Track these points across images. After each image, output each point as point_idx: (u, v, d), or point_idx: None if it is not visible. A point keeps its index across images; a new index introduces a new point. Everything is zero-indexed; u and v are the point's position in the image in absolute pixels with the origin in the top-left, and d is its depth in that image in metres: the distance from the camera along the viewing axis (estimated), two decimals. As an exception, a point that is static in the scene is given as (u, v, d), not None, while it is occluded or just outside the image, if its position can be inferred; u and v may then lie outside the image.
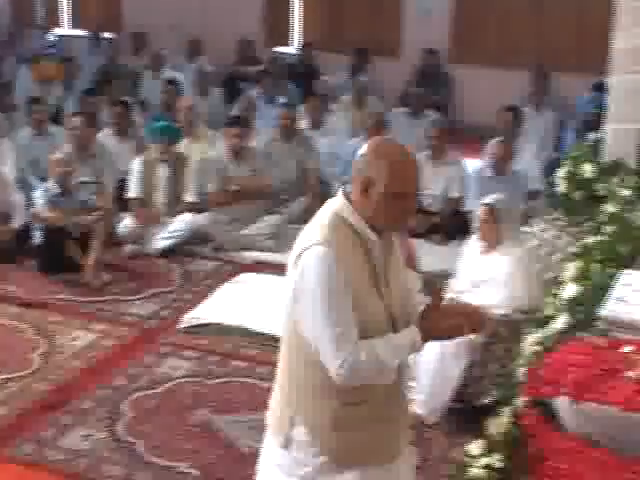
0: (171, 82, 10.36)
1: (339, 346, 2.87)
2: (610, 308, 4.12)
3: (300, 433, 3.05)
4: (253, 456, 4.77)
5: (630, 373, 3.47)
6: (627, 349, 3.63)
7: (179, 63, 12.04)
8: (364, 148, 3.00)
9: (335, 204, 3.03)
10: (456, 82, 11.44)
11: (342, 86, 10.95)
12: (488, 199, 5.72)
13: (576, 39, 10.91)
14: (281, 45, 12.71)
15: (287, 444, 3.08)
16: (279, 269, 7.37)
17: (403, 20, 11.78)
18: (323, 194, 8.71)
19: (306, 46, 12.20)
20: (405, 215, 3.01)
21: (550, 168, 8.24)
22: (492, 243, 5.55)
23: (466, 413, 5.22)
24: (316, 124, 9.25)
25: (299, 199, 8.50)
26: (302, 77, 11.24)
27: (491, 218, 5.51)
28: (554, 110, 10.04)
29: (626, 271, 4.52)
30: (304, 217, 8.25)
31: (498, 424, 3.41)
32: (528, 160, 8.49)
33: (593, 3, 10.65)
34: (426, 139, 8.41)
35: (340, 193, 3.03)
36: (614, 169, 5.92)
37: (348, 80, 11.18)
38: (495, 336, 5.26)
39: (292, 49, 12.64)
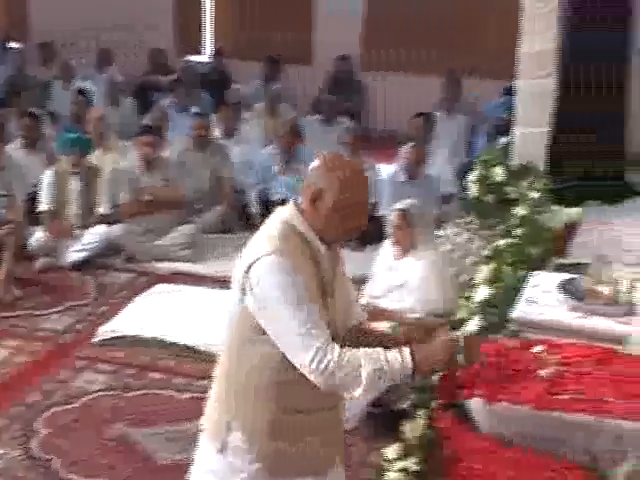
0: (81, 92, 10.22)
1: (310, 341, 2.85)
2: (520, 309, 4.21)
3: (236, 439, 3.04)
4: (171, 468, 4.80)
5: (541, 372, 3.54)
6: (538, 349, 3.71)
7: (89, 73, 11.88)
8: (316, 161, 3.02)
9: (284, 214, 3.03)
10: (369, 88, 11.51)
11: (255, 94, 10.93)
12: (401, 204, 5.77)
13: (487, 44, 11.07)
14: (193, 54, 12.64)
15: (223, 449, 3.07)
16: (195, 279, 7.45)
17: (315, 27, 11.82)
18: (238, 203, 8.73)
19: (218, 54, 12.15)
20: (353, 229, 3.01)
21: (462, 172, 8.35)
22: (406, 248, 5.60)
23: (384, 418, 5.25)
24: (229, 133, 9.22)
25: (214, 208, 8.47)
26: (215, 86, 11.18)
27: (404, 223, 5.56)
28: (465, 115, 10.17)
29: (536, 272, 4.62)
30: (219, 226, 8.34)
31: (414, 427, 3.44)
32: (441, 164, 8.59)
33: (503, 9, 10.83)
34: (339, 146, 8.45)
35: (291, 203, 3.04)
36: (524, 172, 6.03)
37: (260, 88, 11.18)
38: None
39: (204, 58, 12.58)
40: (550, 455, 3.34)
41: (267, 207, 7.50)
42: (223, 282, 6.78)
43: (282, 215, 3.02)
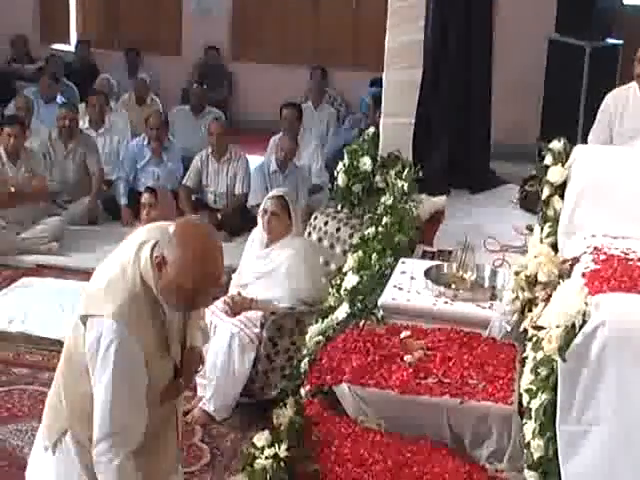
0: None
1: (112, 433, 2.82)
2: (387, 296, 4.27)
3: (68, 444, 3.00)
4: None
5: (407, 357, 3.62)
6: (404, 334, 3.78)
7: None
8: (174, 226, 2.86)
9: (140, 266, 2.87)
10: (237, 79, 11.48)
11: (122, 84, 10.76)
12: (276, 191, 5.79)
13: (353, 37, 11.17)
14: (59, 42, 12.34)
15: (54, 450, 3.02)
16: (62, 272, 7.30)
17: (184, 17, 11.70)
18: (106, 194, 8.59)
19: (83, 43, 11.87)
20: (194, 304, 2.92)
21: (331, 163, 8.43)
22: (277, 236, 5.61)
23: (254, 407, 5.27)
24: (96, 123, 9.05)
25: (81, 200, 8.33)
26: (80, 75, 10.93)
27: (282, 209, 5.57)
28: (333, 106, 10.25)
29: (402, 259, 4.69)
30: (85, 218, 8.18)
31: (283, 415, 3.45)
32: (309, 155, 8.64)
33: (368, 3, 10.97)
34: (208, 136, 8.42)
35: (148, 254, 2.86)
36: (391, 162, 6.11)
37: (127, 79, 11.01)
38: (280, 329, 5.32)
39: (69, 47, 12.28)
40: (417, 437, 3.41)
41: (135, 198, 7.40)
42: (88, 275, 6.69)
43: (134, 266, 2.87)
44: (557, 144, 4.14)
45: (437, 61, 6.45)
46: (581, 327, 2.57)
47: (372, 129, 6.68)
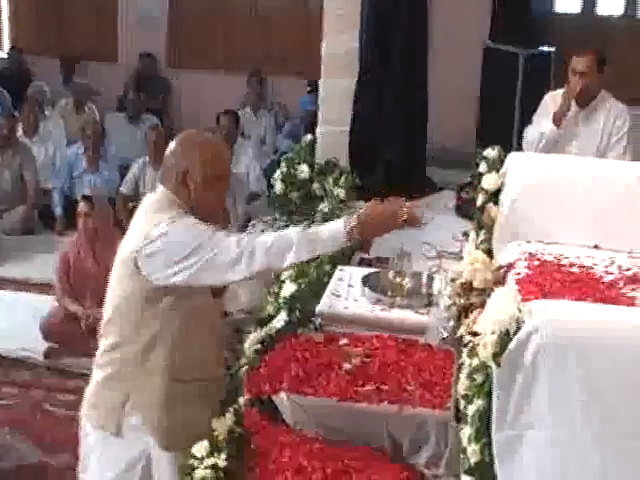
0: None
1: (228, 246, 2.97)
2: (325, 303, 4.28)
3: (131, 418, 3.15)
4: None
5: (346, 365, 3.63)
6: (342, 342, 3.79)
7: None
8: (172, 145, 3.15)
9: (159, 199, 3.14)
10: (175, 86, 11.42)
11: (56, 91, 10.63)
12: None
13: (290, 44, 11.18)
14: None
15: (118, 431, 3.16)
16: (-4, 282, 7.18)
17: (121, 24, 11.61)
18: (40, 204, 8.48)
19: (15, 50, 11.69)
20: (224, 197, 3.26)
21: (269, 170, 8.43)
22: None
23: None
24: (31, 131, 8.94)
25: (15, 209, 8.23)
26: (13, 83, 10.78)
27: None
28: (272, 114, 10.26)
29: (340, 267, 4.71)
30: (20, 227, 8.08)
31: (221, 424, 3.43)
32: (247, 162, 8.63)
33: (304, 10, 11.01)
34: (145, 144, 8.37)
35: (159, 190, 3.15)
36: (329, 169, 6.13)
37: (61, 85, 10.88)
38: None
39: (1, 53, 12.10)
40: (356, 445, 3.42)
41: (71, 208, 7.33)
42: (24, 285, 6.63)
43: (157, 200, 3.13)
44: (491, 152, 4.20)
45: (374, 69, 6.48)
46: (515, 333, 2.59)
47: (309, 136, 6.69)
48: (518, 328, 2.60)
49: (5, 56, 11.82)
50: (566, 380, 2.56)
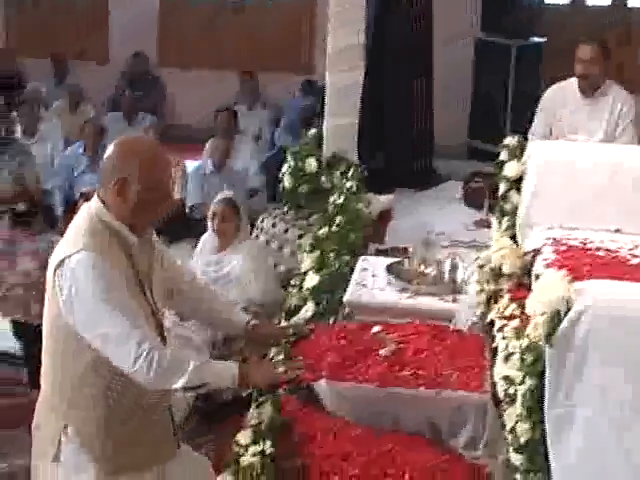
0: None
1: (129, 340, 2.81)
2: (352, 292, 4.36)
3: (71, 444, 2.99)
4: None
5: (382, 351, 3.69)
6: (375, 329, 3.85)
7: None
8: (109, 151, 2.96)
9: (92, 209, 2.96)
10: (167, 84, 11.43)
11: (49, 92, 10.62)
12: (224, 194, 5.83)
13: (282, 40, 11.22)
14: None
15: (57, 457, 3.01)
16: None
17: (111, 25, 11.61)
18: (41, 204, 8.47)
19: (4, 52, 11.65)
20: (164, 208, 3.01)
21: (268, 165, 8.48)
22: (227, 238, 5.64)
23: (211, 410, 5.29)
24: (30, 132, 8.95)
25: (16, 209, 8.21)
26: (7, 84, 10.76)
27: (231, 213, 5.60)
28: (266, 109, 10.29)
29: (363, 257, 4.78)
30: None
31: (262, 413, 3.50)
32: (245, 159, 8.65)
33: (296, 7, 11.06)
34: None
35: (95, 197, 2.98)
36: (336, 162, 6.18)
37: (54, 86, 10.88)
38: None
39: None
40: (396, 430, 3.50)
41: (72, 208, 7.35)
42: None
43: (88, 211, 2.97)
44: (512, 140, 4.29)
45: (378, 62, 6.56)
46: (566, 314, 2.67)
47: (313, 130, 6.74)
48: (569, 308, 2.68)
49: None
50: (617, 358, 2.64)
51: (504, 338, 3.33)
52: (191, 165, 8.69)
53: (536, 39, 9.04)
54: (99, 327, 2.83)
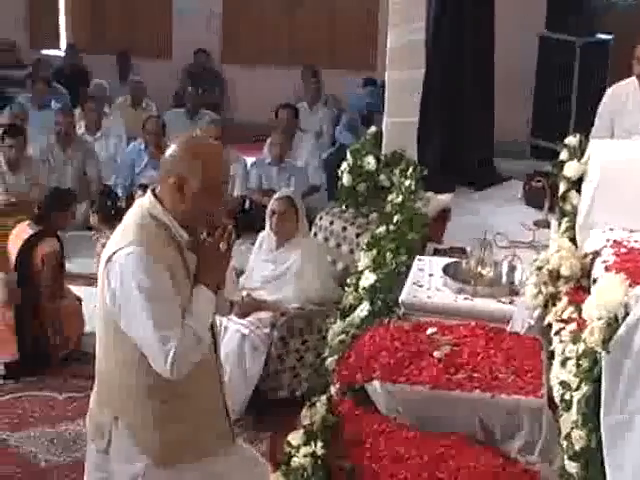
0: None
1: (166, 344, 2.85)
2: (408, 292, 4.31)
3: (121, 435, 3.03)
4: (53, 470, 4.71)
5: (436, 353, 3.65)
6: (430, 331, 3.81)
7: None
8: (172, 148, 3.00)
9: (144, 204, 3.01)
10: (229, 81, 11.49)
11: (113, 88, 10.74)
12: (283, 192, 5.82)
13: (343, 37, 11.21)
14: (47, 48, 12.27)
15: (107, 448, 3.06)
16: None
17: (174, 21, 11.71)
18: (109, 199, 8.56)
19: (72, 48, 11.82)
20: (217, 209, 3.03)
21: (328, 163, 8.47)
22: (285, 236, 5.63)
23: (265, 407, 5.30)
24: (92, 128, 9.05)
25: (79, 206, 8.30)
26: (71, 80, 10.91)
27: (290, 210, 5.60)
28: (328, 107, 10.28)
29: (419, 257, 4.73)
30: (85, 224, 8.17)
31: (314, 413, 3.49)
32: (306, 156, 8.66)
33: (356, 3, 11.04)
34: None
35: (149, 193, 3.03)
36: (395, 161, 6.14)
37: (118, 82, 11.00)
38: (291, 330, 5.36)
39: (58, 52, 12.23)
40: (448, 432, 3.45)
41: (131, 201, 7.40)
42: (94, 280, 6.71)
43: (141, 206, 3.01)
44: (572, 139, 4.20)
45: (438, 60, 6.50)
46: (623, 319, 2.61)
47: (373, 128, 6.70)
48: (627, 313, 2.61)
49: (61, 54, 11.94)
50: (676, 365, 2.57)
51: (561, 342, 3.26)
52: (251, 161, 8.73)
53: (603, 36, 8.89)
54: (138, 327, 2.88)
